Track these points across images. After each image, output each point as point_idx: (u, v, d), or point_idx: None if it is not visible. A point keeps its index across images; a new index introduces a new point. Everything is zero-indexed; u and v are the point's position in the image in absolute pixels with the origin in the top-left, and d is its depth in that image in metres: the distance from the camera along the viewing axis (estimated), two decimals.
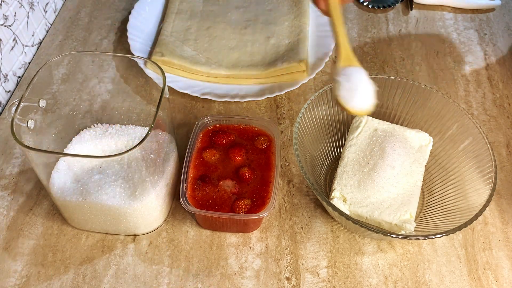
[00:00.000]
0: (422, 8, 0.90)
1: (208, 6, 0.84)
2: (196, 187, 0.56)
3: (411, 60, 0.80)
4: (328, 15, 0.56)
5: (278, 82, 0.73)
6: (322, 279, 0.55)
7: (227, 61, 0.76)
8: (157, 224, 0.58)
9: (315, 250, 0.57)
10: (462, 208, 0.55)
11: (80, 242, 0.58)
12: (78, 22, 0.86)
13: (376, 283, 0.55)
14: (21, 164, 0.65)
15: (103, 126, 0.61)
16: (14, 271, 0.55)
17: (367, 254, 0.57)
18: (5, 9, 0.71)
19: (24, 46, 0.77)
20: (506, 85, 0.77)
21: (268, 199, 0.55)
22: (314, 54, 0.77)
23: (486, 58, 0.81)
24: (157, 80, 0.64)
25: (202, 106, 0.73)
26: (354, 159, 0.59)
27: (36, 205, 0.61)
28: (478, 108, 0.73)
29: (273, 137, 0.60)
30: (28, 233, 0.58)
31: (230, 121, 0.62)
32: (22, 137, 0.49)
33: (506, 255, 0.57)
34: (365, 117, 0.62)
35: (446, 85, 0.76)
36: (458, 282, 0.55)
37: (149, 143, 0.48)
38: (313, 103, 0.60)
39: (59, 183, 0.53)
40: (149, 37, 0.81)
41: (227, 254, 0.57)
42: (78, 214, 0.55)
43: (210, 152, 0.59)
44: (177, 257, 0.56)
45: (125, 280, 0.55)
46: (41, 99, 0.53)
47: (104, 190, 0.53)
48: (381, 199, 0.56)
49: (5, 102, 0.73)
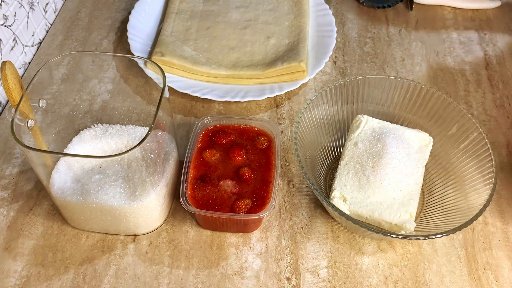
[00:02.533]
0: (422, 8, 0.90)
1: (208, 6, 0.84)
2: (196, 187, 0.56)
3: (411, 60, 0.80)
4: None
5: (278, 82, 0.73)
6: (322, 279, 0.55)
7: (227, 61, 0.76)
8: (157, 224, 0.58)
9: (315, 250, 0.57)
10: (462, 208, 0.55)
11: (80, 242, 0.58)
12: (78, 22, 0.86)
13: (376, 283, 0.55)
14: (21, 164, 0.65)
15: (103, 126, 0.61)
16: (14, 271, 0.55)
17: (367, 254, 0.57)
18: (5, 9, 0.71)
19: (24, 46, 0.77)
20: (506, 85, 0.77)
21: (268, 199, 0.55)
22: (314, 54, 0.77)
23: (486, 58, 0.81)
24: (157, 80, 0.64)
25: (202, 106, 0.73)
26: (354, 159, 0.59)
27: (36, 205, 0.61)
28: (478, 108, 0.73)
29: (273, 137, 0.60)
30: (28, 233, 0.58)
31: (230, 121, 0.62)
32: (22, 137, 0.49)
33: (506, 255, 0.57)
34: (365, 117, 0.62)
35: (446, 85, 0.76)
36: (458, 282, 0.55)
37: (149, 143, 0.48)
38: (313, 103, 0.60)
39: (59, 183, 0.53)
40: (149, 37, 0.81)
41: (227, 254, 0.57)
42: (78, 214, 0.55)
43: (210, 152, 0.59)
44: (177, 257, 0.56)
45: (125, 280, 0.55)
46: (41, 99, 0.53)
47: (104, 190, 0.53)
48: (381, 199, 0.56)
49: (5, 102, 0.73)
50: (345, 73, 0.78)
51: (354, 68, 0.79)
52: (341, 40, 0.84)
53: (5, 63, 0.49)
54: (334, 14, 0.86)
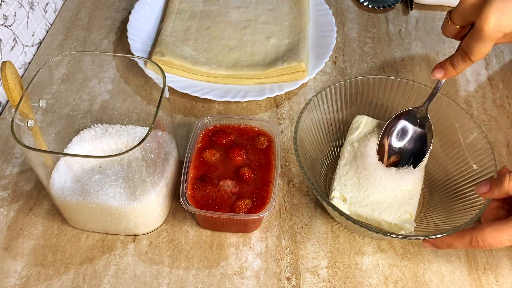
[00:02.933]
0: (422, 8, 0.90)
1: (208, 6, 0.84)
2: (196, 187, 0.56)
3: (411, 60, 0.80)
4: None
5: (278, 82, 0.73)
6: (322, 279, 0.55)
7: (227, 61, 0.76)
8: (157, 224, 0.58)
9: (315, 250, 0.57)
10: (462, 208, 0.55)
11: (80, 242, 0.58)
12: (78, 22, 0.86)
13: (376, 283, 0.55)
14: (21, 164, 0.65)
15: (103, 126, 0.61)
16: (14, 271, 0.55)
17: (367, 254, 0.57)
18: (5, 9, 0.71)
19: (24, 46, 0.77)
20: (506, 85, 0.77)
21: (268, 199, 0.55)
22: (314, 54, 0.77)
23: (486, 58, 0.81)
24: (157, 80, 0.64)
25: (202, 106, 0.73)
26: (354, 159, 0.59)
27: (36, 205, 0.61)
28: (478, 108, 0.73)
29: (273, 137, 0.60)
30: (28, 233, 0.58)
31: (230, 121, 0.62)
32: (22, 137, 0.49)
33: (506, 255, 0.57)
34: (364, 117, 0.62)
35: (446, 85, 0.76)
36: (458, 282, 0.55)
37: (149, 143, 0.48)
38: (313, 103, 0.60)
39: (59, 183, 0.53)
40: (149, 37, 0.81)
41: (227, 254, 0.57)
42: (78, 214, 0.55)
43: (210, 152, 0.59)
44: (177, 257, 0.56)
45: (125, 280, 0.55)
46: (41, 99, 0.53)
47: (104, 190, 0.53)
48: (381, 199, 0.56)
49: (5, 102, 0.73)
50: (345, 73, 0.78)
51: (354, 68, 0.79)
52: (341, 40, 0.84)
53: (5, 63, 0.49)
54: (334, 14, 0.86)
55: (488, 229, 0.48)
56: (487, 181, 0.51)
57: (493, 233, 0.47)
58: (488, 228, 0.48)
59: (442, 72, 0.54)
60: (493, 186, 0.50)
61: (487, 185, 0.50)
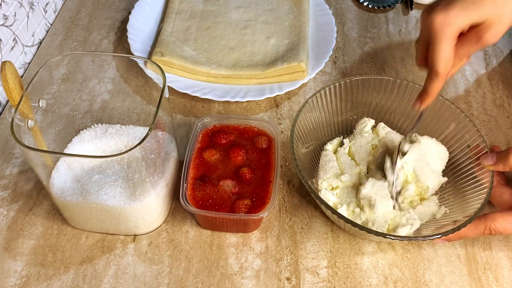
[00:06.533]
0: (422, 8, 0.90)
1: (208, 6, 0.84)
2: (196, 187, 0.56)
3: (411, 60, 0.80)
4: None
5: (278, 82, 0.73)
6: (322, 279, 0.55)
7: (227, 61, 0.76)
8: (157, 224, 0.58)
9: (315, 250, 0.57)
10: (462, 208, 0.55)
11: (80, 242, 0.58)
12: (78, 22, 0.86)
13: (376, 283, 0.55)
14: (21, 164, 0.65)
15: (103, 126, 0.61)
16: (14, 271, 0.55)
17: (367, 254, 0.57)
18: (5, 9, 0.71)
19: (24, 46, 0.77)
20: (506, 85, 0.77)
21: (268, 199, 0.55)
22: (314, 54, 0.77)
23: (486, 58, 0.81)
24: (157, 80, 0.64)
25: (202, 106, 0.73)
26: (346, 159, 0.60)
27: (36, 205, 0.61)
28: (478, 108, 0.73)
29: (273, 137, 0.60)
30: (28, 233, 0.58)
31: (230, 121, 0.62)
32: (22, 137, 0.49)
33: (506, 255, 0.57)
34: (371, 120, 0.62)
35: (446, 85, 0.76)
36: (458, 282, 0.55)
37: (149, 143, 0.48)
38: (311, 102, 0.60)
39: (59, 183, 0.53)
40: (149, 37, 0.81)
41: (227, 254, 0.57)
42: (78, 214, 0.55)
43: (210, 152, 0.59)
44: (177, 257, 0.56)
45: (125, 280, 0.55)
46: (41, 99, 0.53)
47: (104, 190, 0.53)
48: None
49: (5, 102, 0.73)
50: (345, 73, 0.78)
51: (354, 68, 0.79)
52: (341, 40, 0.84)
53: (5, 63, 0.49)
54: (334, 14, 0.86)
55: (500, 219, 0.50)
56: (493, 154, 0.51)
57: (505, 222, 0.50)
58: (500, 218, 0.50)
59: (419, 103, 0.53)
60: (498, 159, 0.51)
61: (493, 157, 0.51)
